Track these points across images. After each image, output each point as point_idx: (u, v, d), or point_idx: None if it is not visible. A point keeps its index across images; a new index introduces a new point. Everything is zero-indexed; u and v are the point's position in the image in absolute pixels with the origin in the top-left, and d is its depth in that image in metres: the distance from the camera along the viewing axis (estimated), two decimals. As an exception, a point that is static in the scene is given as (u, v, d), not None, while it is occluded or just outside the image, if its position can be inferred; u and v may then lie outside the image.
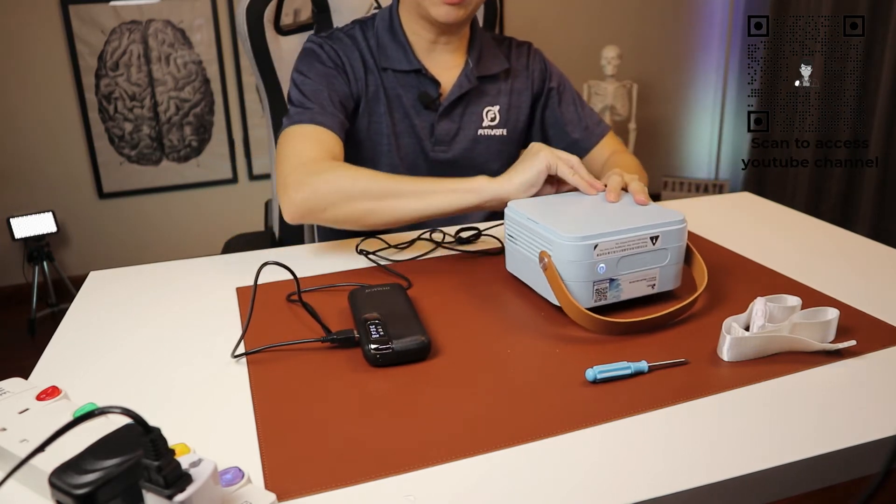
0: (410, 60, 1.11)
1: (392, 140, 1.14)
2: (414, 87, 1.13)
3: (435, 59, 1.13)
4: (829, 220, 1.10)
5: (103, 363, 0.72)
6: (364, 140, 1.14)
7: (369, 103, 1.12)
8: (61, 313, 1.14)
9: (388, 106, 1.13)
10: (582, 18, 3.49)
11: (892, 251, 0.95)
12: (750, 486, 0.52)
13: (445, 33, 1.12)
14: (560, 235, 0.75)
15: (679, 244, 0.79)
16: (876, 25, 2.80)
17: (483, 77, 1.15)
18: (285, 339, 0.73)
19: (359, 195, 0.92)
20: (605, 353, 0.69)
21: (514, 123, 1.20)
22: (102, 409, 0.39)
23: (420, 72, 1.11)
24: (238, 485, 0.49)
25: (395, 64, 1.11)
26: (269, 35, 1.30)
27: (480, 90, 1.16)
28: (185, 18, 2.96)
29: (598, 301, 0.76)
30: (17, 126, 2.89)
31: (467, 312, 0.80)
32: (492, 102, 1.17)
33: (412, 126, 1.14)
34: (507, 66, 1.18)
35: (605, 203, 0.86)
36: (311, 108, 1.02)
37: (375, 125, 1.13)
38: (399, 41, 1.12)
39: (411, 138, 1.15)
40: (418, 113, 1.14)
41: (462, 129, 1.16)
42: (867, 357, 0.67)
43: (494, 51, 1.18)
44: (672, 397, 0.61)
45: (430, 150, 1.16)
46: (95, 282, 0.94)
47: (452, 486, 0.51)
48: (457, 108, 1.15)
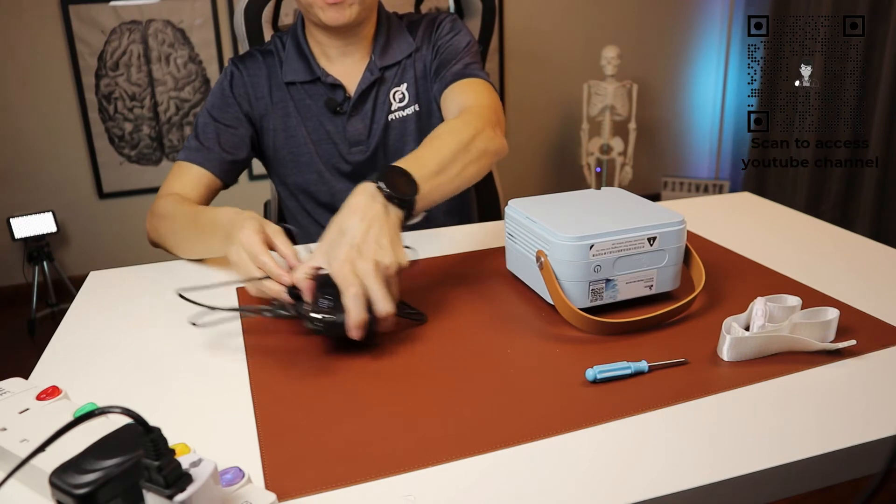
0: (312, 70, 1.13)
1: (311, 148, 1.16)
2: (321, 95, 1.14)
3: (341, 62, 1.14)
4: (829, 220, 1.10)
5: (103, 363, 0.72)
6: (285, 154, 1.17)
7: (279, 119, 1.15)
8: (61, 313, 1.14)
9: (301, 117, 1.15)
10: (582, 18, 3.50)
11: (892, 251, 0.95)
12: (750, 486, 0.52)
13: (344, 37, 1.11)
14: (556, 235, 0.75)
15: (678, 245, 0.78)
16: (876, 25, 2.80)
17: (387, 66, 1.14)
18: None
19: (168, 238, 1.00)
20: (605, 353, 0.69)
21: (427, 95, 1.17)
22: (102, 409, 0.39)
23: (320, 80, 1.13)
24: (238, 485, 0.49)
25: (297, 76, 1.13)
26: (266, 35, 1.31)
27: (384, 78, 1.15)
28: (185, 18, 2.96)
29: (595, 301, 0.76)
30: (17, 126, 2.89)
31: (468, 312, 0.80)
32: (398, 83, 1.16)
33: (327, 133, 1.16)
34: (413, 48, 1.16)
35: (607, 202, 0.85)
36: (190, 146, 1.10)
37: (292, 138, 1.16)
38: (302, 52, 1.14)
39: (328, 144, 1.16)
40: (330, 119, 1.15)
41: (374, 122, 1.16)
42: (867, 357, 0.67)
43: (402, 37, 1.16)
44: (672, 397, 0.61)
45: (348, 153, 1.16)
46: (95, 282, 0.94)
47: (452, 486, 0.51)
48: (365, 105, 1.15)
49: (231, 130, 1.12)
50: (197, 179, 1.08)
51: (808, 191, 3.20)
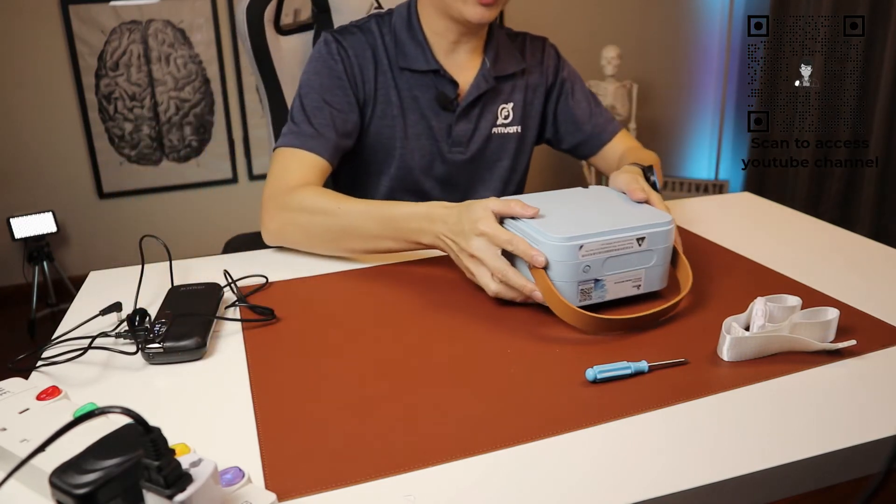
0: (429, 60, 1.09)
1: (405, 143, 1.13)
2: (431, 88, 1.11)
3: (454, 59, 1.12)
4: (829, 220, 1.10)
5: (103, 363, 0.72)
6: (374, 144, 1.13)
7: (379, 106, 1.11)
8: (61, 313, 1.14)
9: (402, 108, 1.11)
10: (582, 18, 3.50)
11: (892, 251, 0.95)
12: (750, 486, 0.52)
13: (468, 34, 1.09)
14: (546, 235, 0.75)
15: (665, 245, 0.79)
16: (876, 25, 2.80)
17: (499, 77, 1.14)
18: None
19: (318, 236, 0.95)
20: (605, 353, 0.69)
21: (528, 120, 1.20)
22: (102, 409, 0.39)
23: (438, 72, 1.10)
24: (238, 485, 0.49)
25: (412, 64, 1.09)
26: (269, 35, 1.30)
27: (496, 90, 1.15)
28: (185, 18, 2.96)
29: (584, 301, 0.77)
30: (17, 126, 2.89)
31: (467, 312, 0.79)
32: (506, 100, 1.16)
33: (429, 128, 1.13)
34: (524, 65, 1.17)
35: (596, 202, 0.86)
36: (303, 132, 1.03)
37: (387, 129, 1.12)
38: (417, 40, 1.09)
39: (428, 140, 1.13)
40: (436, 114, 1.12)
41: (478, 129, 1.15)
42: (867, 357, 0.67)
43: (511, 49, 1.17)
44: (672, 397, 0.61)
45: (448, 151, 1.14)
46: (95, 282, 0.94)
47: (452, 486, 0.51)
48: (474, 109, 1.14)
49: (344, 116, 1.06)
50: (316, 167, 1.01)
51: (808, 191, 3.20)
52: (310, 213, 0.94)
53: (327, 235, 0.94)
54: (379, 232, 0.90)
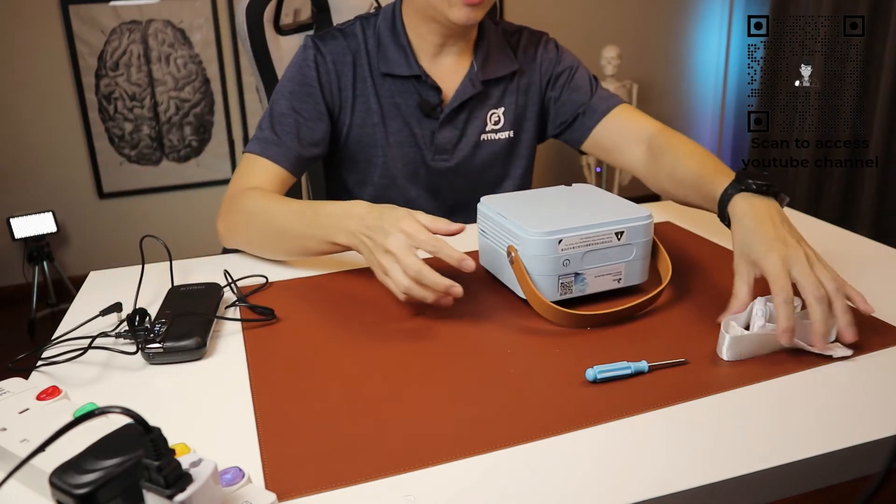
0: (411, 66, 1.05)
1: (387, 150, 1.10)
2: (414, 94, 1.07)
3: (439, 63, 1.08)
4: (829, 220, 1.10)
5: (103, 363, 0.72)
6: (355, 152, 1.11)
7: (358, 114, 1.08)
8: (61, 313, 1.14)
9: (382, 115, 1.08)
10: (582, 18, 3.50)
11: (892, 251, 0.95)
12: (750, 486, 0.52)
13: (454, 36, 1.05)
14: (525, 230, 0.76)
15: (645, 239, 0.80)
16: (876, 25, 2.80)
17: (488, 81, 1.09)
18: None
19: (257, 237, 0.94)
20: (604, 353, 0.69)
21: (522, 123, 1.15)
22: (102, 409, 0.39)
23: (420, 78, 1.06)
24: (238, 485, 0.49)
25: (394, 69, 1.06)
26: (268, 35, 1.30)
27: (485, 94, 1.10)
28: (185, 18, 2.96)
29: (564, 294, 0.77)
30: (17, 126, 2.89)
31: (467, 312, 0.79)
32: (496, 105, 1.12)
33: (412, 135, 1.09)
34: (515, 67, 1.12)
35: (577, 199, 0.87)
36: (266, 138, 1.02)
37: (368, 137, 1.09)
38: (400, 44, 1.06)
39: (411, 147, 1.10)
40: (418, 121, 1.09)
41: (465, 135, 1.11)
42: (867, 357, 0.67)
43: (503, 50, 1.12)
44: (672, 397, 0.61)
45: (431, 159, 1.11)
46: (95, 282, 0.94)
47: (452, 486, 0.51)
48: (460, 115, 1.09)
49: (310, 125, 1.04)
50: (273, 175, 1.00)
51: (808, 191, 3.21)
52: (250, 213, 0.94)
53: (264, 236, 0.93)
54: (302, 231, 0.87)
